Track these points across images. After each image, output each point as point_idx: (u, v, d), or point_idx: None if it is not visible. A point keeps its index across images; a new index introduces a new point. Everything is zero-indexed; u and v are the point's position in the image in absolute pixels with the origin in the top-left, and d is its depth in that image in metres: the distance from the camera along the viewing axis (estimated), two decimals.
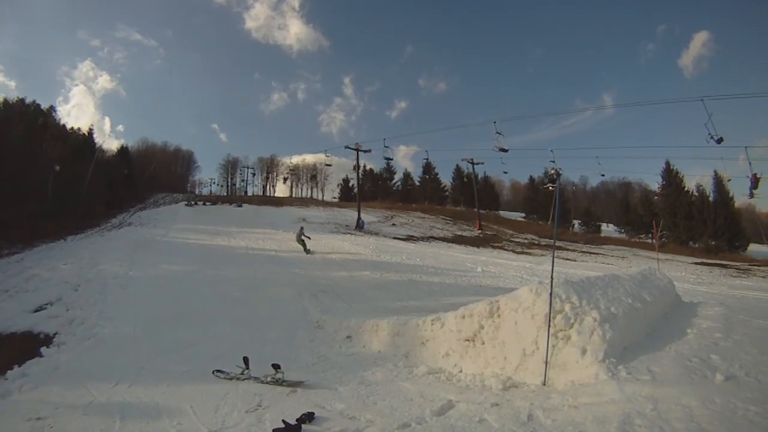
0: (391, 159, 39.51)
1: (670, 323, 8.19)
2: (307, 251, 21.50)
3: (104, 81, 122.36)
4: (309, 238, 22.72)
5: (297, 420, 5.50)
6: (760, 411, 4.52)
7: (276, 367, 7.12)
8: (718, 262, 32.70)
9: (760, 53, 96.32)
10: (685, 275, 22.74)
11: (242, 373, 7.37)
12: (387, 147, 38.63)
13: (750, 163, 25.86)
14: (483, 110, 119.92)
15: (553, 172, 35.48)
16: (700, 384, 5.27)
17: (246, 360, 7.43)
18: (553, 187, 41.18)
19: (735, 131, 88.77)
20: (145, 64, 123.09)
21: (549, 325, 6.49)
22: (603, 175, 45.96)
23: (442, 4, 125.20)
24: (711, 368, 5.70)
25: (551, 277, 6.67)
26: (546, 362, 6.36)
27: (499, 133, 31.28)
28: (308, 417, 5.61)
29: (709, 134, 21.91)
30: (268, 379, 7.15)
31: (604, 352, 6.11)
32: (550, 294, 6.67)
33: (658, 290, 9.44)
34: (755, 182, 26.09)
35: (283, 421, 5.45)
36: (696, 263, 30.30)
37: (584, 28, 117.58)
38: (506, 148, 31.33)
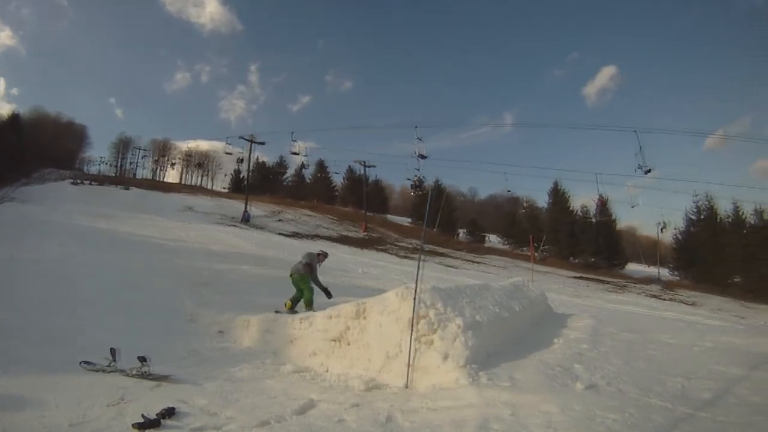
0: (298, 153, 38.64)
1: (539, 333, 8.58)
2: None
3: (5, 36, 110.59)
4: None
5: (157, 415, 5.22)
6: (619, 419, 4.73)
7: (142, 360, 6.77)
8: (597, 277, 35.38)
9: (662, 93, 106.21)
10: (564, 288, 24.24)
11: (109, 365, 6.94)
12: (294, 141, 38.05)
13: (598, 187, 28.05)
14: (385, 113, 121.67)
15: (416, 178, 36.51)
16: (560, 392, 5.48)
17: (113, 351, 6.98)
18: (414, 193, 42.64)
19: (614, 159, 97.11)
20: (51, 24, 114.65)
21: (412, 330, 6.59)
22: (509, 191, 48.12)
23: (363, 3, 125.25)
24: (573, 377, 5.98)
25: (416, 282, 6.83)
26: (409, 365, 6.43)
27: (420, 139, 31.39)
28: (168, 412, 5.34)
29: (639, 165, 23.15)
30: (134, 372, 6.80)
31: (466, 358, 6.26)
32: (414, 299, 6.78)
33: (528, 301, 9.88)
34: (602, 204, 28.79)
35: (143, 415, 5.17)
36: (576, 277, 32.55)
37: (497, 43, 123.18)
38: (425, 154, 31.42)
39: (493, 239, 60.82)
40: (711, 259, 40.86)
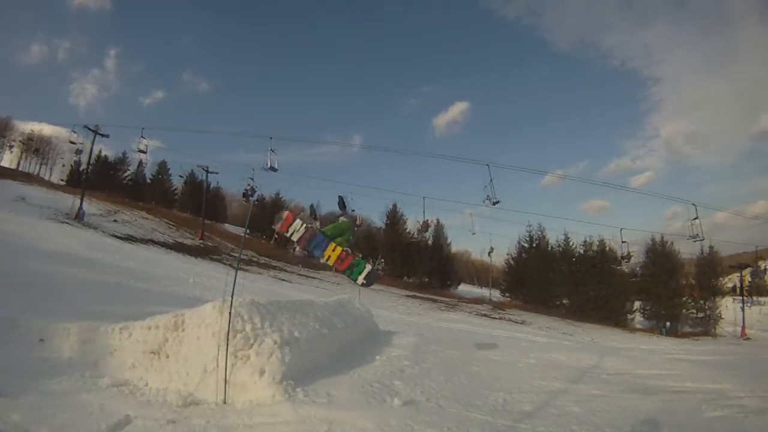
0: (145, 152, 35.74)
1: (362, 350, 8.68)
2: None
3: None
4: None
5: None
6: None
7: None
8: (430, 296, 36.77)
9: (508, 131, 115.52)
10: (397, 306, 24.81)
11: None
12: (143, 138, 34.96)
13: (424, 212, 29.81)
14: (236, 121, 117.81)
15: (248, 187, 36.27)
16: (377, 408, 5.58)
17: None
18: (246, 202, 42.43)
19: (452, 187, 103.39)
20: None
21: (228, 344, 6.43)
22: (353, 210, 48.43)
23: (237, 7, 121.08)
24: (392, 393, 6.11)
25: (232, 295, 6.74)
26: (225, 381, 6.28)
27: (273, 151, 30.36)
28: None
29: (488, 196, 24.12)
30: None
31: (282, 374, 6.22)
32: (230, 313, 6.63)
33: (352, 318, 10.02)
34: (425, 227, 30.95)
35: None
36: (409, 296, 33.46)
37: (357, 65, 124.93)
38: (276, 167, 30.46)
39: None
40: (541, 283, 44.97)
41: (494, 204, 24.55)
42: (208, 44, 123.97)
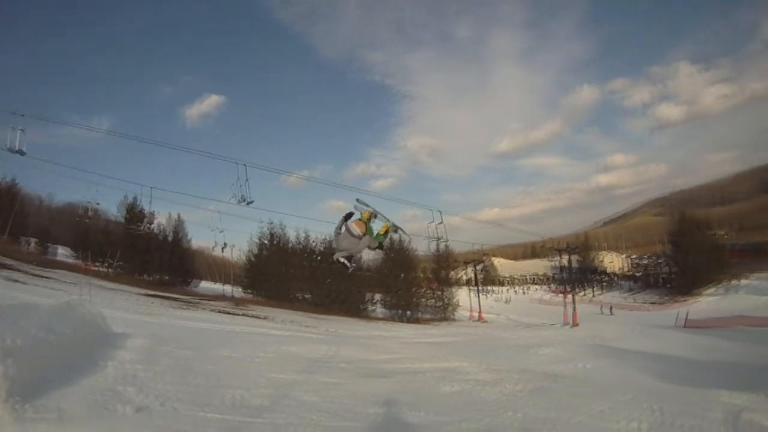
0: None
1: (92, 356, 8.10)
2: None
3: None
4: None
5: None
6: None
7: None
8: (169, 295, 35.21)
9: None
10: (137, 306, 23.43)
11: None
12: None
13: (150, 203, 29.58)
14: None
15: None
16: (109, 418, 5.41)
17: None
18: None
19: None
20: None
21: None
22: (99, 203, 44.57)
23: None
24: (124, 401, 5.92)
25: None
26: None
27: (22, 131, 25.20)
28: None
29: (243, 195, 23.25)
30: None
31: (7, 390, 5.53)
32: None
33: (82, 322, 9.17)
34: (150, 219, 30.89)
35: None
36: (148, 295, 31.73)
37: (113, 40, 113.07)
38: (24, 150, 25.06)
39: (65, 252, 54.93)
40: (281, 278, 46.65)
41: (248, 204, 24.50)
42: None
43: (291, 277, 46.98)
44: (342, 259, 7.21)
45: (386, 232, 7.51)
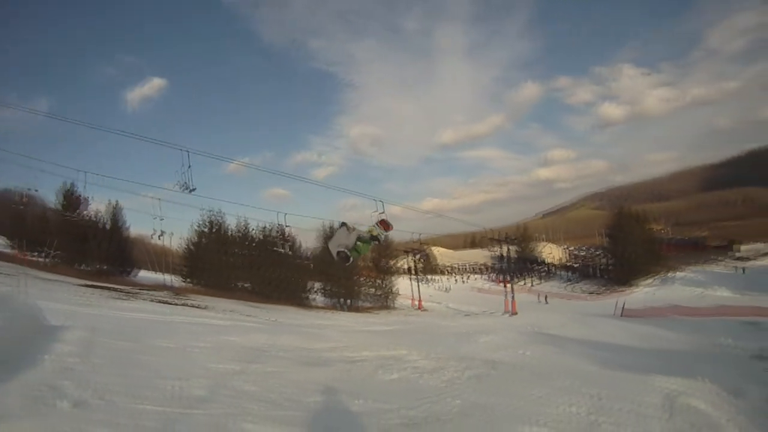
0: None
1: (27, 350, 7.94)
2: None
3: None
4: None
5: None
6: None
7: None
8: (108, 285, 34.27)
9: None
10: (75, 297, 22.77)
11: None
12: None
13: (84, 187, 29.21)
14: None
15: None
16: (47, 414, 5.30)
17: None
18: None
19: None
20: None
21: None
22: (37, 190, 43.30)
23: None
24: (61, 395, 5.83)
25: None
26: None
27: None
28: None
29: (185, 183, 22.78)
30: None
31: None
32: None
33: (17, 314, 9.03)
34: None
35: None
36: (87, 285, 30.86)
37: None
38: None
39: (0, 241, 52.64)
40: (220, 267, 45.79)
41: (191, 191, 24.15)
42: None
43: (230, 265, 46.40)
44: (344, 250, 8.78)
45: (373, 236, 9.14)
